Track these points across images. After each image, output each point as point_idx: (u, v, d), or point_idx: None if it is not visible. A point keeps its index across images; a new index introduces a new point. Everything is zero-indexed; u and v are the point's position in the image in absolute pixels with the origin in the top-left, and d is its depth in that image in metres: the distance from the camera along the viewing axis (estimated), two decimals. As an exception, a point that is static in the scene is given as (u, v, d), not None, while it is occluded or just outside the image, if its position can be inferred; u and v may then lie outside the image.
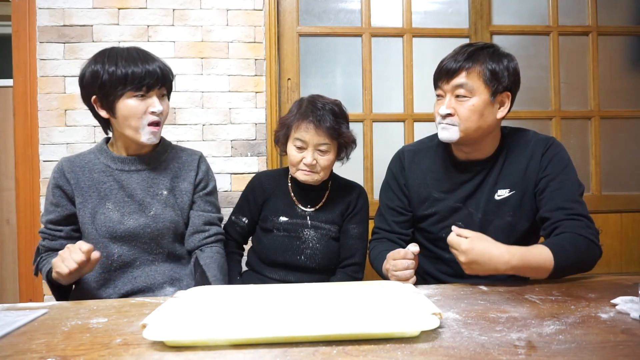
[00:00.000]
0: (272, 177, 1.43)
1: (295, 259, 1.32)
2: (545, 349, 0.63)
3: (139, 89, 1.12)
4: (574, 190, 1.11)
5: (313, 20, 1.98)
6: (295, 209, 1.36)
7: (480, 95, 1.10)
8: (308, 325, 0.71)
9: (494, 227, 1.16)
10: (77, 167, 1.21)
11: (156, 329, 0.66)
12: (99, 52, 1.17)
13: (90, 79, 1.13)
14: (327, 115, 1.24)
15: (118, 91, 1.12)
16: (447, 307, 0.83)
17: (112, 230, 1.17)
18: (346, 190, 1.40)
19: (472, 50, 1.12)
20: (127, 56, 1.13)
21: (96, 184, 1.19)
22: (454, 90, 1.11)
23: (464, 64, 1.10)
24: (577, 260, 1.01)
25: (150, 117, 1.14)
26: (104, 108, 1.16)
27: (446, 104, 1.12)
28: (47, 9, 1.78)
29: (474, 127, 1.11)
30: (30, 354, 0.63)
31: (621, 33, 2.10)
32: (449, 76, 1.11)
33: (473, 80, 1.10)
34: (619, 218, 2.03)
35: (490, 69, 1.10)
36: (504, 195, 1.16)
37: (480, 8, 2.00)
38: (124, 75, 1.10)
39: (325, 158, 1.27)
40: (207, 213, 1.29)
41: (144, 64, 1.13)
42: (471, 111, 1.10)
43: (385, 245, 1.24)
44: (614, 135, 2.09)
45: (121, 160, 1.21)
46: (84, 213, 1.19)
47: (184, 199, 1.26)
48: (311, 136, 1.24)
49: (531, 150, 1.16)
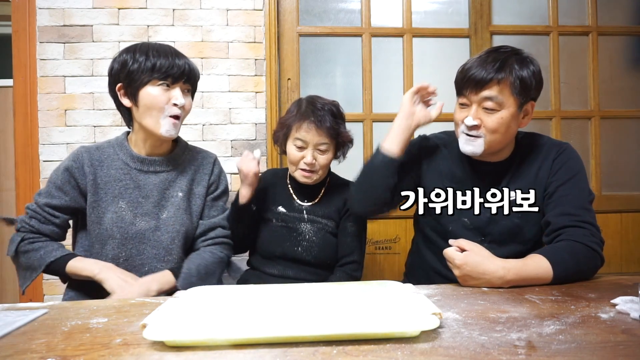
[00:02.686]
0: (276, 172, 1.50)
1: (293, 250, 1.34)
2: (545, 349, 0.63)
3: (165, 79, 1.13)
4: (584, 197, 1.09)
5: (313, 20, 1.98)
6: (292, 203, 1.39)
7: (509, 108, 1.07)
8: (308, 325, 0.71)
9: (500, 227, 1.16)
10: (96, 161, 1.19)
11: (156, 329, 0.66)
12: (132, 45, 1.19)
13: (119, 67, 1.15)
14: (327, 116, 1.28)
15: (144, 78, 1.13)
16: (447, 307, 0.83)
17: (124, 231, 1.16)
18: (343, 188, 1.41)
19: (503, 59, 1.07)
20: (158, 48, 1.16)
21: (112, 181, 1.18)
22: (482, 102, 1.08)
23: (495, 75, 1.05)
24: (577, 270, 1.00)
25: (173, 109, 1.15)
26: (128, 96, 1.16)
27: (473, 115, 1.08)
28: (47, 9, 1.78)
29: (500, 139, 1.10)
30: (30, 354, 0.63)
31: (621, 33, 2.10)
32: (478, 87, 1.07)
33: (503, 93, 1.06)
34: (619, 218, 2.03)
35: (520, 79, 1.06)
36: (514, 197, 1.16)
37: (480, 8, 2.00)
38: (153, 64, 1.12)
39: (324, 157, 1.31)
40: (210, 219, 1.28)
41: (173, 58, 1.15)
42: (499, 124, 1.07)
43: None
44: (614, 135, 2.09)
45: (140, 160, 1.21)
46: (95, 211, 1.17)
47: (197, 202, 1.26)
48: (312, 136, 1.27)
49: (544, 154, 1.15)
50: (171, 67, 1.13)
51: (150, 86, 1.13)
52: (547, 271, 0.97)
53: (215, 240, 1.27)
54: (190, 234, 1.25)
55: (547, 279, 0.97)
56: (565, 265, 0.98)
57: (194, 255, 1.23)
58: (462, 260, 0.96)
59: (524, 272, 0.96)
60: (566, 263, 0.98)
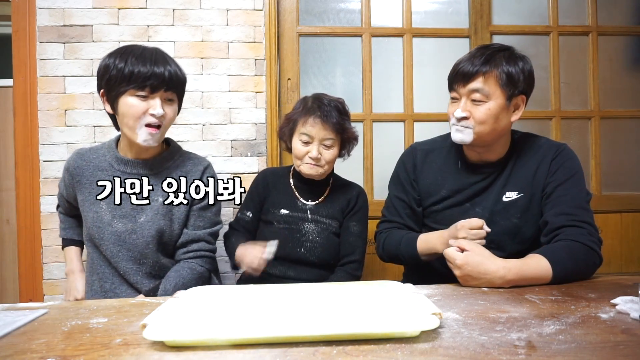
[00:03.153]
0: (276, 172, 1.47)
1: (296, 252, 1.33)
2: (545, 349, 0.63)
3: (142, 89, 1.10)
4: (581, 197, 1.10)
5: (313, 20, 1.98)
6: (296, 203, 1.38)
7: (497, 100, 1.10)
8: (308, 325, 0.71)
9: (500, 228, 1.16)
10: (84, 161, 1.24)
11: (156, 329, 0.66)
12: (118, 47, 1.17)
13: (101, 72, 1.14)
14: (332, 112, 1.29)
15: (122, 88, 1.11)
16: (447, 307, 0.83)
17: (101, 231, 1.18)
18: (346, 189, 1.42)
19: (489, 53, 1.11)
20: (139, 55, 1.12)
21: (96, 181, 1.20)
22: (470, 94, 1.11)
23: (480, 68, 1.10)
24: (576, 269, 1.00)
25: (149, 118, 1.12)
26: (109, 102, 1.16)
27: (462, 107, 1.12)
28: (47, 9, 1.78)
29: (488, 130, 1.12)
30: (30, 354, 0.63)
31: (621, 33, 2.09)
32: (465, 80, 1.11)
33: (489, 85, 1.10)
34: (619, 218, 2.03)
35: (507, 72, 1.10)
36: (512, 197, 1.16)
37: (480, 8, 2.00)
38: (130, 72, 1.09)
39: (329, 152, 1.31)
40: (195, 230, 1.25)
41: (153, 65, 1.11)
42: (487, 115, 1.10)
43: (404, 231, 1.24)
44: (614, 135, 2.08)
45: (124, 162, 1.21)
46: (82, 209, 1.24)
47: (180, 209, 1.23)
48: (317, 130, 1.28)
49: (542, 155, 1.16)
50: (148, 77, 1.09)
51: (128, 96, 1.11)
52: (547, 271, 0.97)
53: (197, 253, 1.25)
54: (169, 240, 1.23)
55: (546, 278, 0.97)
56: (565, 265, 0.98)
57: (172, 273, 1.21)
58: (463, 261, 0.97)
59: (525, 271, 0.96)
60: (565, 263, 0.98)
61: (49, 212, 1.76)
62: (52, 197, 1.76)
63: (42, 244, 1.76)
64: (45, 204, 1.77)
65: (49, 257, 1.77)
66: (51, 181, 1.77)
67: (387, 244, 1.26)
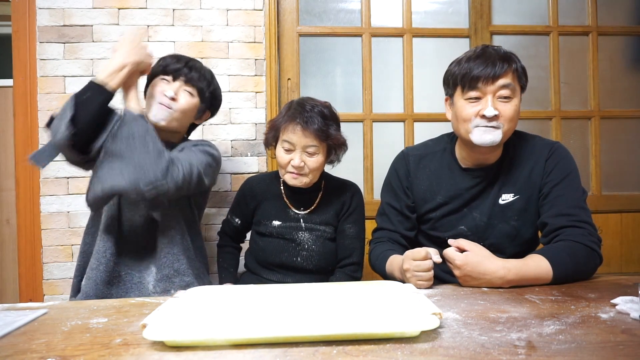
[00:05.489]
0: (263, 181, 1.41)
1: (292, 261, 1.32)
2: (545, 349, 0.63)
3: (167, 74, 1.31)
4: (578, 196, 1.10)
5: (313, 20, 1.98)
6: (288, 212, 1.35)
7: (518, 96, 1.11)
8: (308, 325, 0.71)
9: (498, 232, 1.16)
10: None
11: (156, 329, 0.66)
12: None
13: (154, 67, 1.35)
14: (315, 117, 1.22)
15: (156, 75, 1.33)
16: (447, 307, 0.83)
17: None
18: (340, 190, 1.38)
19: (503, 51, 1.11)
20: (181, 57, 1.36)
21: None
22: (498, 91, 1.08)
23: (507, 63, 1.08)
24: (576, 270, 1.00)
25: (162, 97, 1.28)
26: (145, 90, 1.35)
27: (491, 105, 1.07)
28: (47, 9, 1.78)
29: (512, 129, 1.12)
30: (30, 354, 0.63)
31: (621, 33, 2.09)
32: (494, 76, 1.07)
33: (514, 80, 1.09)
34: (619, 218, 2.03)
35: (521, 68, 1.11)
36: (509, 199, 1.16)
37: (480, 8, 2.00)
38: (165, 64, 1.33)
39: (313, 160, 1.25)
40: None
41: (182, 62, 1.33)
42: (514, 112, 1.09)
43: (387, 246, 1.22)
44: (614, 135, 2.08)
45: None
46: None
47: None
48: (298, 138, 1.22)
49: (536, 155, 1.15)
50: (174, 67, 1.31)
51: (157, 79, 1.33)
52: (547, 271, 0.97)
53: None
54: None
55: (547, 279, 0.97)
56: (565, 265, 0.98)
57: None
58: (463, 261, 0.96)
59: (525, 272, 0.96)
60: (566, 263, 0.98)
61: (49, 212, 1.76)
62: (52, 197, 1.76)
63: (42, 244, 1.76)
64: (45, 204, 1.76)
65: (49, 257, 1.76)
66: (51, 181, 1.77)
67: (372, 257, 1.25)
